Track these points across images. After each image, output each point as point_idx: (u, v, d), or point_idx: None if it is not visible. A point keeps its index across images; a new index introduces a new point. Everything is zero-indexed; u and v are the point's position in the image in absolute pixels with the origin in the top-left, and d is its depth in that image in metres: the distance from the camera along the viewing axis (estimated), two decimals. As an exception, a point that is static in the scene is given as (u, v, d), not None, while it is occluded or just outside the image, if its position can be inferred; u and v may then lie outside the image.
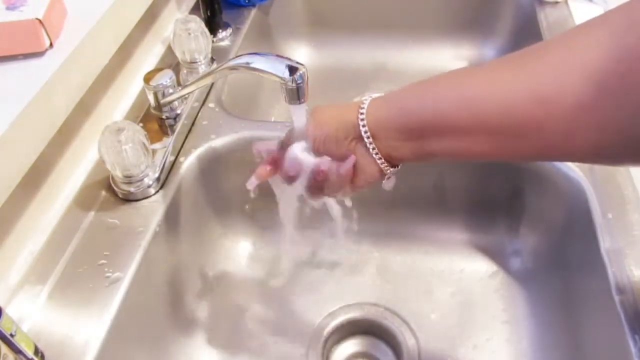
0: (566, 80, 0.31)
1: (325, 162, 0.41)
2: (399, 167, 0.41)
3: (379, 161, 0.40)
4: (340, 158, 0.41)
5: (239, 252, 0.67)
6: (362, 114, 0.39)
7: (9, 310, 0.42)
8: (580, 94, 0.30)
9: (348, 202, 0.49)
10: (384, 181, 0.42)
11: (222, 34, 0.76)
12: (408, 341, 0.58)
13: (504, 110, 0.33)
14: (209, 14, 0.74)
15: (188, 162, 0.57)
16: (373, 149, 0.39)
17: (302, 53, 0.95)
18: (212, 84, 0.67)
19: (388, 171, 0.41)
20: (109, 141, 0.48)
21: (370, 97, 0.40)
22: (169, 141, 0.56)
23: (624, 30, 0.29)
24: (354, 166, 0.41)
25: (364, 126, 0.39)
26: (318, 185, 0.42)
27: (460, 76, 0.37)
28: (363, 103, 0.39)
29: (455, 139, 0.36)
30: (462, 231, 0.67)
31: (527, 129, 0.33)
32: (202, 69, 0.66)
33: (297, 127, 0.42)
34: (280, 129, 0.61)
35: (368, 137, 0.39)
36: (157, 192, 0.53)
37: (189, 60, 0.65)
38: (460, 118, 0.35)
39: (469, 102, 0.35)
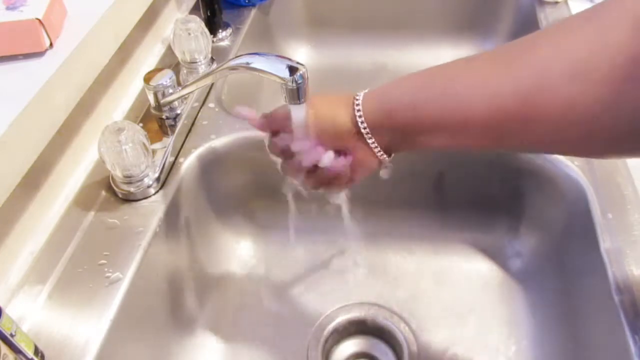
0: (551, 78, 0.31)
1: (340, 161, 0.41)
2: (393, 155, 0.42)
3: (378, 154, 0.40)
4: (338, 151, 0.41)
5: (239, 251, 0.67)
6: (358, 111, 0.39)
7: (9, 310, 0.42)
8: (566, 91, 0.30)
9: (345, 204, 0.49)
10: (382, 170, 0.43)
11: (222, 34, 0.76)
12: (408, 341, 0.58)
13: (491, 108, 0.34)
14: (209, 14, 0.74)
15: (188, 162, 0.57)
16: (373, 142, 0.40)
17: (302, 53, 0.95)
18: (212, 84, 0.67)
19: (387, 161, 0.41)
20: (109, 141, 0.48)
21: (361, 93, 0.40)
22: (169, 141, 0.56)
23: (610, 27, 0.29)
24: (353, 161, 0.41)
25: (362, 122, 0.39)
26: (324, 180, 0.43)
27: (448, 74, 0.37)
28: (357, 99, 0.40)
29: (447, 135, 0.37)
30: (462, 231, 0.67)
31: (515, 126, 0.33)
32: (202, 69, 0.66)
33: (296, 125, 0.42)
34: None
35: (367, 133, 0.39)
36: (157, 192, 0.53)
37: (189, 60, 0.65)
38: (450, 117, 0.36)
39: (458, 102, 0.35)
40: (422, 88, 0.38)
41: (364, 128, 0.39)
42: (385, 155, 0.41)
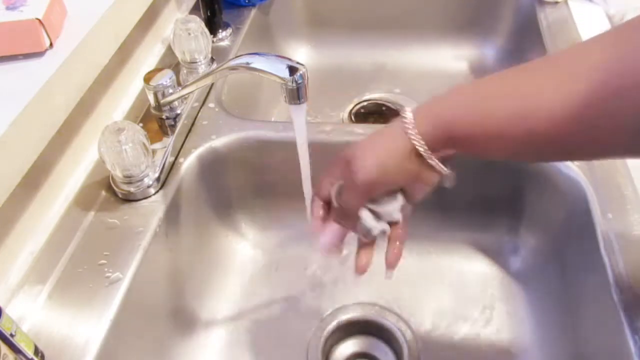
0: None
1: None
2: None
3: (441, 170, 0.39)
4: (405, 184, 0.41)
5: (239, 252, 0.67)
6: (411, 134, 0.37)
7: (9, 310, 0.42)
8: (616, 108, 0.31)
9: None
10: (446, 182, 0.42)
11: (222, 34, 0.76)
12: (408, 341, 0.58)
13: (551, 120, 0.33)
14: (209, 14, 0.74)
15: (188, 162, 0.57)
16: (433, 161, 0.38)
17: (302, 53, 0.95)
18: (212, 84, 0.67)
19: (447, 172, 0.40)
20: (109, 141, 0.48)
21: (408, 115, 0.39)
22: (169, 141, 0.56)
23: (621, 47, 0.30)
24: (415, 181, 0.40)
25: (422, 146, 0.38)
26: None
27: (505, 83, 0.37)
28: (405, 121, 0.38)
29: (511, 144, 0.36)
30: (462, 231, 0.67)
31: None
32: (202, 69, 0.66)
33: (297, 127, 0.41)
34: (281, 129, 0.61)
35: (427, 153, 0.38)
36: (157, 192, 0.53)
37: (189, 60, 0.65)
38: (516, 125, 0.35)
39: (524, 111, 0.34)
40: (483, 99, 0.37)
41: (425, 151, 0.38)
42: (445, 168, 0.39)
